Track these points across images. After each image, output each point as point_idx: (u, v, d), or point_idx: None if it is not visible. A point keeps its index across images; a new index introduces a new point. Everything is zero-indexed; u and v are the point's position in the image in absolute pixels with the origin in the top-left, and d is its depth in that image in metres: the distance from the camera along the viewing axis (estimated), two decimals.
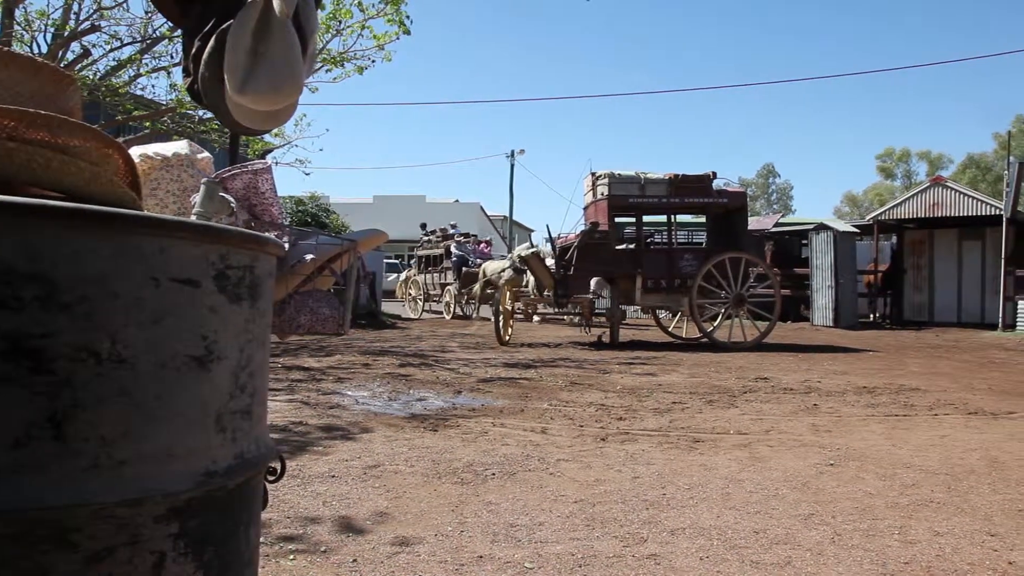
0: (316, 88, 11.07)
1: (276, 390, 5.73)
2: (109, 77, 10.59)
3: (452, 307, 17.30)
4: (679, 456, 3.92)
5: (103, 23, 9.87)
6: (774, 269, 12.81)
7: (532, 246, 10.98)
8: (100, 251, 0.76)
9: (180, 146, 2.09)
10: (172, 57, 10.45)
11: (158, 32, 10.10)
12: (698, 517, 2.91)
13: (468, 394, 5.90)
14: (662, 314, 12.44)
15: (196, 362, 0.84)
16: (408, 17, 9.71)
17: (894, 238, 18.77)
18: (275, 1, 1.74)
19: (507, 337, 10.79)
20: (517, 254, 11.02)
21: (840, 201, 62.27)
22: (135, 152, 2.19)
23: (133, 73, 10.76)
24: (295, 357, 8.27)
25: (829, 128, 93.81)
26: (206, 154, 2.14)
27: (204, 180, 1.67)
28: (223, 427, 0.88)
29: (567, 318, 11.95)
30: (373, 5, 9.84)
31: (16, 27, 8.96)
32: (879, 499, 3.18)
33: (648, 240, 11.94)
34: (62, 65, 8.90)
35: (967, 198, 16.53)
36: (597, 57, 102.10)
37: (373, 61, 10.43)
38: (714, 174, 10.99)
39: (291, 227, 1.94)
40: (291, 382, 6.29)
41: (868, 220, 18.18)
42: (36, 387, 0.72)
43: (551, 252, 10.92)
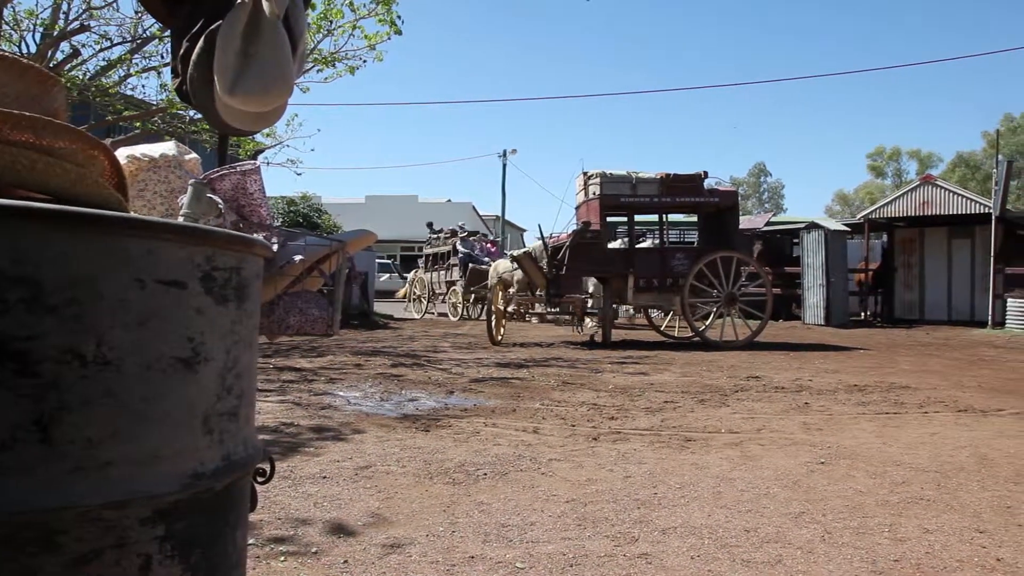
0: (307, 88, 11.07)
1: (267, 391, 5.72)
2: (99, 77, 10.55)
3: (460, 308, 16.59)
4: (671, 455, 3.93)
5: (92, 23, 9.84)
6: (765, 268, 12.86)
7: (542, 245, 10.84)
8: (86, 253, 0.76)
9: (168, 147, 2.08)
10: (162, 57, 10.44)
11: (148, 32, 10.08)
12: (689, 516, 2.92)
13: (460, 394, 5.90)
14: (654, 313, 12.47)
15: (182, 364, 0.84)
16: (399, 17, 9.73)
17: (885, 237, 18.86)
18: (265, 2, 1.74)
19: (499, 337, 10.79)
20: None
21: (831, 200, 62.66)
22: (122, 153, 2.18)
23: (123, 73, 10.73)
24: (286, 358, 8.25)
25: (820, 127, 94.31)
26: (194, 155, 2.14)
27: (192, 181, 1.67)
28: (210, 429, 0.88)
29: (557, 318, 11.93)
30: (364, 5, 9.85)
31: (4, 27, 8.91)
32: (869, 497, 3.20)
33: (639, 238, 11.95)
34: (51, 65, 8.86)
35: (957, 196, 16.61)
36: (590, 57, 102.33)
37: (364, 61, 10.45)
38: (705, 173, 11.02)
39: (280, 228, 1.94)
40: (282, 383, 6.27)
41: (859, 219, 18.24)
42: (22, 389, 0.72)
43: (544, 251, 10.92)
